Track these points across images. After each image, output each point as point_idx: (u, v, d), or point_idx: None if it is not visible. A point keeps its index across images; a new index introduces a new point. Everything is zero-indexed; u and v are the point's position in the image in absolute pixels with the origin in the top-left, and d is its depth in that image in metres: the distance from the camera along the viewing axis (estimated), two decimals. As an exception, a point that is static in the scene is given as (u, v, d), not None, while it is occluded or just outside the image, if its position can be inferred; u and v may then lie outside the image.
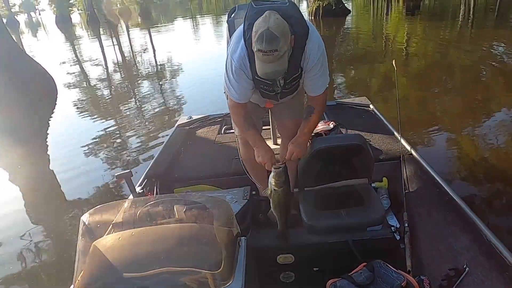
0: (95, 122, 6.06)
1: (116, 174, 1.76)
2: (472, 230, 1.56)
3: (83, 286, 1.19)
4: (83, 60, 13.09)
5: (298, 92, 1.88)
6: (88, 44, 18.55)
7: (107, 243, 1.29)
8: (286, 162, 1.71)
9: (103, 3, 31.07)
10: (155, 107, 6.53)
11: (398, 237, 1.85)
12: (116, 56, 13.86)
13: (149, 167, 2.46)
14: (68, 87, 8.95)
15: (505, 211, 2.84)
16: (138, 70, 10.57)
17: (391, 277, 1.52)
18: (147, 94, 7.64)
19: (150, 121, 5.81)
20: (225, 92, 1.79)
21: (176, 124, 3.28)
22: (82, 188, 3.90)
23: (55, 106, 7.52)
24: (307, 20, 1.58)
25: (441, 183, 1.90)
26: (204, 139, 2.98)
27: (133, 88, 8.40)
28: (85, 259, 1.25)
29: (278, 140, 2.56)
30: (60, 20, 34.89)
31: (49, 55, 13.95)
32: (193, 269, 1.19)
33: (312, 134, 2.52)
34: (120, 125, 5.82)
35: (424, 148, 3.83)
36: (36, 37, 28.06)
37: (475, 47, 8.26)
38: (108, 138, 5.26)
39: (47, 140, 5.62)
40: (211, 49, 11.76)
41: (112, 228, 1.37)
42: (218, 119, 3.28)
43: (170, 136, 3.06)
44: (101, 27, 26.06)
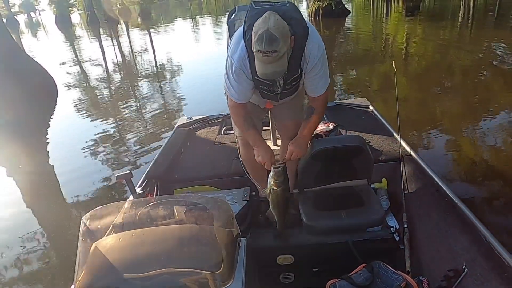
0: (95, 123, 6.06)
1: (116, 175, 1.76)
2: (471, 231, 1.56)
3: (84, 287, 1.19)
4: (83, 60, 13.09)
5: (298, 93, 1.89)
6: (88, 44, 18.54)
7: (108, 244, 1.29)
8: (285, 162, 1.72)
9: (103, 2, 31.01)
10: (155, 107, 6.54)
11: (397, 238, 1.86)
12: (116, 56, 13.86)
13: (149, 168, 2.46)
14: (68, 87, 8.95)
15: (504, 212, 2.85)
16: (138, 71, 10.57)
17: (391, 277, 1.53)
18: (147, 94, 7.65)
19: (150, 121, 5.81)
20: (225, 92, 1.79)
21: (176, 125, 3.29)
22: (83, 189, 3.90)
23: (55, 106, 7.53)
24: (307, 21, 1.58)
25: (440, 184, 1.90)
26: (204, 140, 2.98)
27: (133, 89, 8.40)
28: (85, 260, 1.25)
29: (278, 141, 2.56)
30: (60, 20, 34.88)
31: (49, 55, 13.95)
32: (193, 269, 1.19)
33: (312, 135, 2.55)
34: (120, 125, 5.83)
35: (424, 149, 3.83)
36: (36, 37, 28.06)
37: (475, 48, 8.27)
38: (108, 138, 5.27)
39: (48, 140, 5.63)
40: (211, 49, 11.76)
41: (113, 229, 1.37)
42: (218, 120, 3.28)
43: (170, 136, 3.07)
44: (101, 27, 26.05)
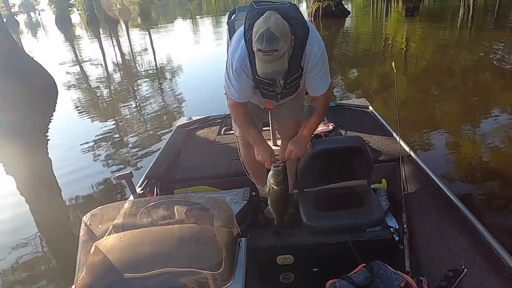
0: (95, 123, 6.07)
1: (116, 175, 1.77)
2: (470, 231, 1.56)
3: (84, 286, 1.20)
4: (83, 61, 13.10)
5: (298, 93, 1.89)
6: (88, 44, 18.55)
7: (108, 243, 1.29)
8: (285, 161, 1.72)
9: (103, 2, 30.99)
10: (155, 108, 6.54)
11: (397, 238, 1.86)
12: (116, 56, 13.87)
13: (149, 168, 2.46)
14: (68, 87, 8.96)
15: (503, 212, 2.85)
16: (138, 71, 10.58)
17: (390, 277, 1.53)
18: (147, 94, 7.65)
19: (150, 122, 5.82)
20: (225, 92, 1.80)
21: (176, 125, 3.29)
22: (83, 189, 3.91)
23: (55, 106, 7.53)
24: (307, 21, 1.58)
25: (439, 184, 1.90)
26: (204, 140, 2.99)
27: (133, 89, 8.41)
28: (86, 260, 1.26)
29: (278, 141, 2.56)
30: (60, 20, 34.89)
31: (49, 56, 13.94)
32: (193, 269, 1.20)
33: (312, 135, 2.55)
34: (120, 126, 5.83)
35: (423, 150, 3.83)
36: (35, 37, 28.06)
37: (475, 48, 8.28)
38: (108, 138, 5.27)
39: (48, 140, 5.63)
40: (211, 50, 11.76)
41: (113, 229, 1.37)
42: (218, 120, 3.28)
43: (170, 137, 3.07)
44: (101, 28, 26.06)
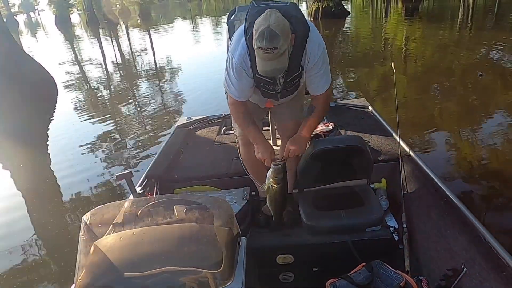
0: (95, 123, 6.06)
1: (116, 174, 1.77)
2: (470, 230, 1.56)
3: (84, 286, 1.20)
4: (83, 61, 13.10)
5: (298, 93, 1.89)
6: (87, 44, 18.56)
7: (108, 242, 1.29)
8: (285, 160, 1.72)
9: (103, 2, 30.99)
10: (155, 108, 6.54)
11: (396, 237, 1.86)
12: (115, 56, 13.87)
13: (149, 167, 2.46)
14: (68, 87, 8.95)
15: (503, 211, 2.86)
16: (138, 71, 10.58)
17: (390, 277, 1.53)
18: (146, 94, 7.65)
19: (149, 122, 5.82)
20: (225, 92, 1.80)
21: (176, 125, 3.29)
22: (83, 188, 3.91)
23: (55, 106, 7.53)
24: (307, 20, 1.59)
25: (439, 184, 1.91)
26: (203, 140, 2.99)
27: (132, 89, 8.40)
28: (86, 259, 1.26)
29: (278, 141, 2.57)
30: (60, 20, 34.84)
31: (48, 56, 13.93)
32: (193, 268, 1.20)
33: (311, 135, 2.55)
34: (120, 125, 5.83)
35: (423, 149, 3.84)
36: (35, 37, 28.04)
37: (474, 49, 8.29)
38: (108, 138, 5.27)
39: (48, 140, 5.63)
40: (211, 50, 11.77)
41: (113, 228, 1.37)
42: (218, 120, 3.28)
43: (169, 137, 3.07)
44: (100, 28, 26.05)
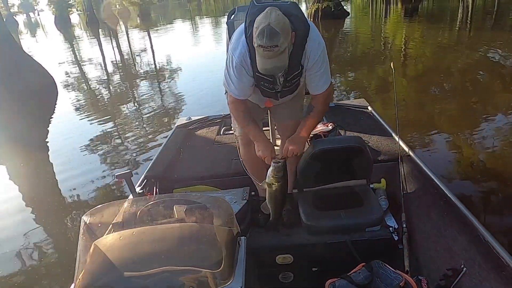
0: (94, 123, 6.06)
1: (116, 174, 1.77)
2: (469, 230, 1.56)
3: (84, 285, 1.20)
4: (83, 61, 13.09)
5: (298, 93, 1.89)
6: (87, 45, 18.56)
7: (108, 242, 1.29)
8: (285, 159, 1.72)
9: (103, 6, 30.96)
10: (155, 108, 6.55)
11: (396, 237, 1.86)
12: (115, 57, 13.87)
13: (148, 167, 2.46)
14: (67, 87, 8.96)
15: (502, 211, 2.86)
16: (137, 71, 10.58)
17: (390, 277, 1.53)
18: (146, 95, 7.65)
19: (149, 122, 5.82)
20: (225, 92, 1.80)
21: (175, 125, 3.28)
22: (83, 188, 3.91)
23: (55, 106, 7.53)
24: (307, 19, 1.59)
25: (438, 184, 1.91)
26: (203, 140, 2.99)
27: (132, 89, 8.41)
28: (86, 258, 1.26)
29: (278, 141, 2.56)
30: (59, 20, 34.83)
31: (48, 56, 13.93)
32: (193, 268, 1.20)
33: (311, 136, 2.55)
34: (120, 126, 5.82)
35: (422, 149, 3.84)
36: (35, 37, 28.03)
37: (473, 49, 8.30)
38: (108, 138, 5.27)
39: (48, 140, 5.63)
40: (210, 50, 11.77)
41: (113, 227, 1.38)
42: (217, 120, 3.28)
43: (169, 137, 3.06)
44: (100, 28, 26.04)
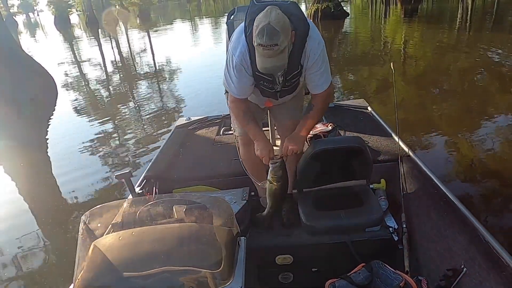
0: (94, 123, 6.05)
1: (115, 174, 1.76)
2: (469, 230, 1.56)
3: (83, 285, 1.19)
4: (82, 61, 13.09)
5: (297, 93, 1.89)
6: (87, 45, 18.55)
7: (107, 242, 1.29)
8: (284, 159, 1.72)
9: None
10: (154, 108, 6.55)
11: (396, 238, 1.86)
12: (115, 57, 13.86)
13: (148, 167, 2.46)
14: (67, 87, 8.95)
15: (502, 211, 2.86)
16: (137, 72, 10.58)
17: (390, 277, 1.53)
18: (146, 95, 7.65)
19: (149, 122, 5.82)
20: (225, 92, 1.79)
21: (175, 125, 3.28)
22: (82, 188, 3.91)
23: (55, 106, 7.52)
24: (307, 18, 1.59)
25: (438, 184, 1.90)
26: (203, 140, 2.98)
27: (132, 90, 8.40)
28: (85, 259, 1.25)
29: (277, 142, 2.57)
30: (59, 21, 34.77)
31: (48, 56, 13.92)
32: (193, 268, 1.19)
33: (311, 136, 2.55)
34: (119, 126, 5.82)
35: (422, 150, 3.85)
36: (34, 37, 28.01)
37: (473, 50, 8.30)
38: (108, 139, 5.27)
39: (47, 140, 5.62)
40: (210, 50, 11.77)
41: (112, 227, 1.37)
42: (217, 121, 3.28)
43: (169, 137, 3.06)
44: (100, 28, 26.04)
